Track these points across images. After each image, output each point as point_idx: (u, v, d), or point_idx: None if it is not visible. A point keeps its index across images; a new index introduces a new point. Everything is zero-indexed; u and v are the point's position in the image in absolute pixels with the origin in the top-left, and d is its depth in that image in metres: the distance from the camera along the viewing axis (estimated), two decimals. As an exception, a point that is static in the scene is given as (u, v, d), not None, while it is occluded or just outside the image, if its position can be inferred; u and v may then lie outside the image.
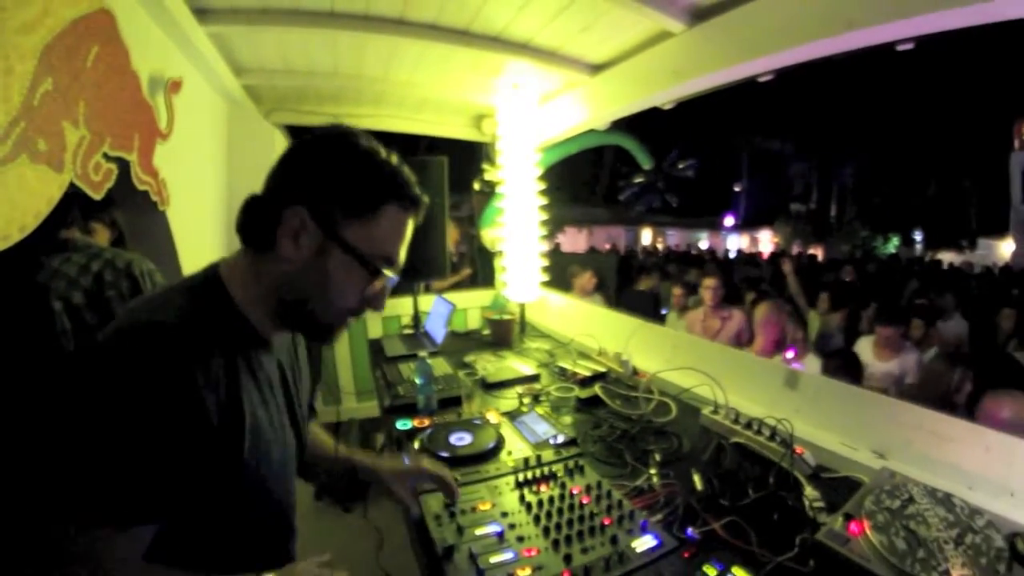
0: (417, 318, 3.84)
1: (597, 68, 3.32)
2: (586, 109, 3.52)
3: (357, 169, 1.09)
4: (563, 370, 2.77)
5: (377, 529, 2.19)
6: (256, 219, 1.09)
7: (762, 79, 2.58)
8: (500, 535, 1.47)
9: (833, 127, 32.32)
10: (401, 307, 4.11)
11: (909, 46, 2.07)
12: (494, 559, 1.36)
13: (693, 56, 2.65)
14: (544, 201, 3.62)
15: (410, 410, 2.27)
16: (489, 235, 4.58)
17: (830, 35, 2.02)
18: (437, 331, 3.45)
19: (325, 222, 1.05)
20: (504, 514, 1.58)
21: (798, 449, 1.82)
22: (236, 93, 3.37)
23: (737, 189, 36.12)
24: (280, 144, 4.17)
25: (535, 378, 2.71)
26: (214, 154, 3.33)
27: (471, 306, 4.23)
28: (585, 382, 2.59)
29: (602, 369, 2.74)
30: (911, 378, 3.88)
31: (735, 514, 1.51)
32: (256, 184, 1.10)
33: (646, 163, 5.67)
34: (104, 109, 1.92)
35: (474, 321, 4.09)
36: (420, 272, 3.54)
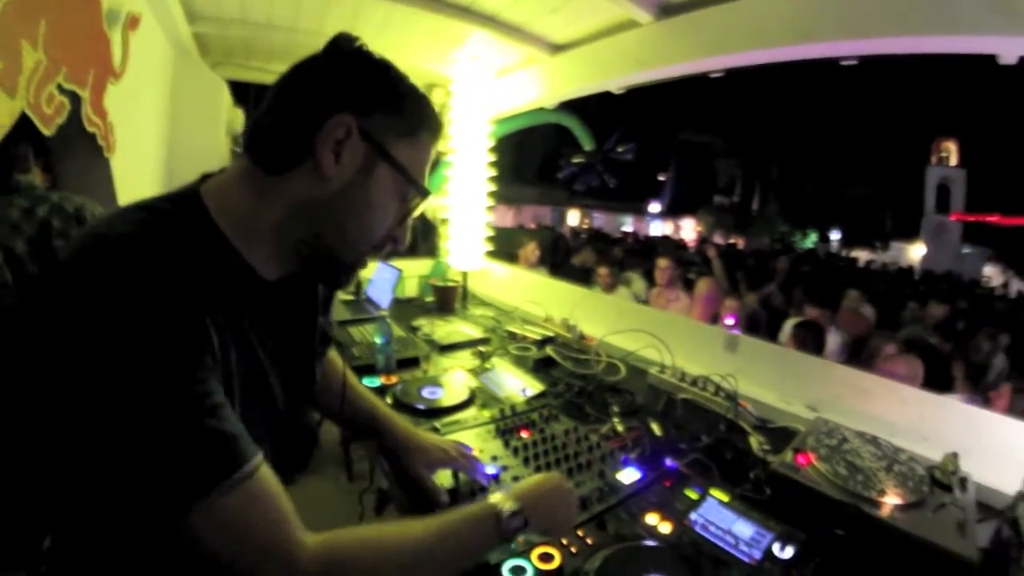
0: (358, 284, 3.80)
1: (558, 48, 3.40)
2: (542, 87, 3.60)
3: (403, 87, 0.98)
4: (512, 334, 2.83)
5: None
6: (285, 128, 0.92)
7: (713, 75, 2.75)
8: (496, 477, 1.54)
9: (763, 127, 33.16)
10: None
11: (853, 62, 2.34)
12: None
13: (658, 47, 2.78)
14: (493, 172, 3.64)
15: (368, 371, 2.25)
16: (432, 204, 4.58)
17: (787, 44, 2.26)
18: (382, 297, 3.44)
19: (374, 135, 0.93)
20: (495, 457, 1.64)
21: (742, 403, 2.01)
22: (186, 40, 3.30)
23: (662, 178, 36.72)
24: (228, 100, 4.09)
25: (485, 341, 2.76)
26: (159, 104, 3.25)
27: (411, 274, 4.25)
28: (535, 345, 2.66)
29: (550, 334, 2.80)
30: (835, 357, 4.11)
31: (695, 454, 1.68)
32: (201, 140, 0.95)
33: (588, 144, 5.78)
34: (64, 34, 1.82)
35: (412, 289, 4.08)
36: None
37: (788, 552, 1.29)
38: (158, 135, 3.23)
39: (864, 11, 2.04)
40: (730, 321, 3.09)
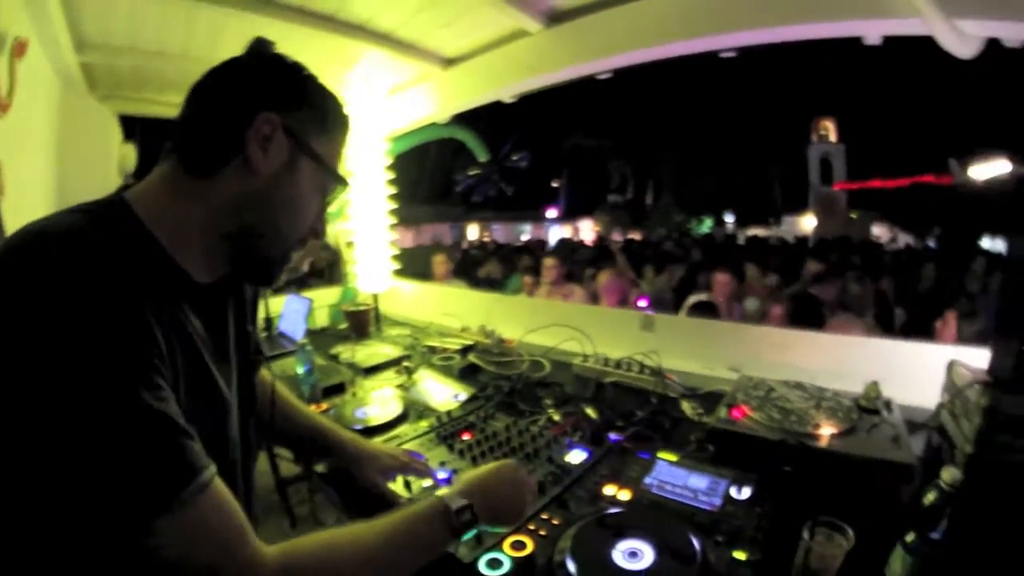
0: (269, 320, 3.67)
1: (450, 62, 3.44)
2: (435, 101, 3.63)
3: (318, 87, 1.03)
4: (432, 348, 2.82)
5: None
6: (215, 128, 0.93)
7: (600, 76, 2.87)
8: (448, 480, 1.54)
9: (651, 125, 33.99)
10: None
11: (732, 54, 2.53)
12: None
13: (547, 54, 2.87)
14: (393, 191, 3.64)
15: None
16: (334, 230, 4.54)
17: (668, 41, 2.42)
18: (295, 329, 3.36)
19: (296, 132, 0.97)
20: (443, 463, 1.65)
21: (668, 376, 2.10)
22: (73, 71, 3.14)
23: (555, 185, 37.19)
24: (118, 135, 3.95)
25: (407, 358, 2.74)
26: (46, 140, 3.08)
27: (320, 304, 4.19)
28: (458, 354, 2.67)
29: (469, 342, 2.82)
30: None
31: (634, 428, 1.76)
32: (92, 180, 0.93)
33: (482, 155, 5.84)
34: None
35: (323, 319, 4.00)
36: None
37: (746, 492, 1.38)
38: (45, 175, 3.05)
39: (738, 5, 2.20)
40: (643, 303, 3.18)
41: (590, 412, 1.90)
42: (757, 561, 1.15)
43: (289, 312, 3.54)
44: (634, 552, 1.18)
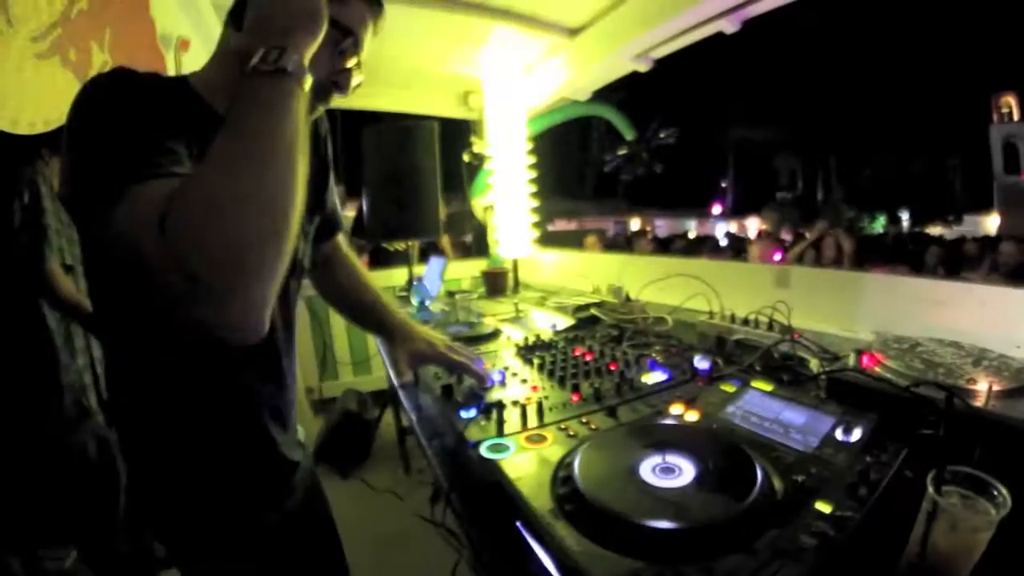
0: (411, 280, 3.84)
1: (574, 31, 3.40)
2: (568, 72, 3.60)
3: None
4: (559, 305, 2.80)
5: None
6: None
7: (728, 32, 2.72)
8: (501, 381, 1.52)
9: (818, 114, 32.56)
10: (396, 278, 4.15)
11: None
12: (495, 394, 1.40)
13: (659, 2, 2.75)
14: (533, 161, 3.67)
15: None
16: (480, 204, 4.64)
17: None
18: (432, 286, 3.46)
19: None
20: (506, 368, 1.64)
21: (796, 334, 1.79)
22: None
23: (724, 184, 36.39)
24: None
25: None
26: None
27: (466, 275, 4.30)
28: (580, 309, 2.62)
29: (596, 300, 2.77)
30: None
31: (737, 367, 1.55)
32: None
33: (629, 133, 5.74)
34: (125, 42, 2.14)
35: (468, 285, 4.13)
36: (413, 230, 3.58)
37: (856, 434, 1.08)
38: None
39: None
40: (778, 256, 3.01)
41: (696, 360, 1.61)
42: (846, 519, 0.83)
43: (430, 272, 3.65)
44: (669, 468, 0.98)
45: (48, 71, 1.78)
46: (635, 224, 30.03)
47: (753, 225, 34.07)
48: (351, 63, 1.14)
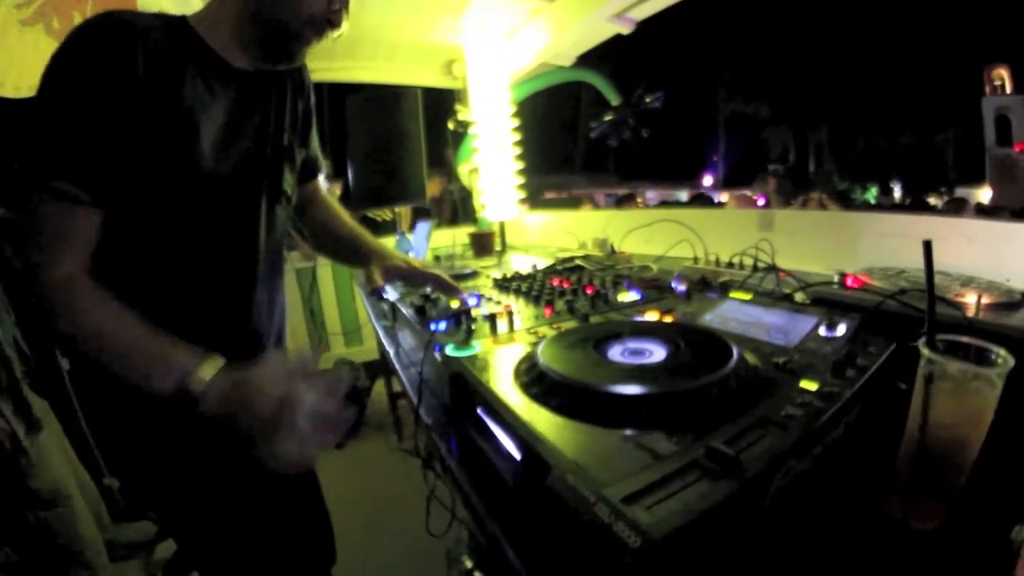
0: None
1: (553, -9, 3.36)
2: (548, 35, 3.57)
3: None
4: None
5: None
6: None
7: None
8: (476, 304, 1.53)
9: (808, 85, 32.46)
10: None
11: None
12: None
13: None
14: (517, 123, 3.65)
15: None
16: (465, 170, 4.63)
17: None
18: (420, 248, 3.50)
19: None
20: (483, 295, 1.66)
21: (782, 273, 1.74)
22: None
23: (715, 158, 36.37)
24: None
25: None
26: None
27: (455, 242, 4.31)
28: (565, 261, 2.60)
29: (582, 254, 2.76)
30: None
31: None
32: None
33: (614, 99, 5.71)
34: None
35: (458, 251, 4.14)
36: (400, 195, 3.57)
37: (841, 330, 1.04)
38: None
39: None
40: (761, 201, 2.99)
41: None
42: (834, 394, 0.78)
43: (416, 236, 3.66)
44: (639, 351, 0.96)
45: (32, 37, 1.84)
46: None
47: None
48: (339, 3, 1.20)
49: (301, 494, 1.60)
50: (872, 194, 32.94)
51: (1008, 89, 26.29)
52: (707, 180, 35.54)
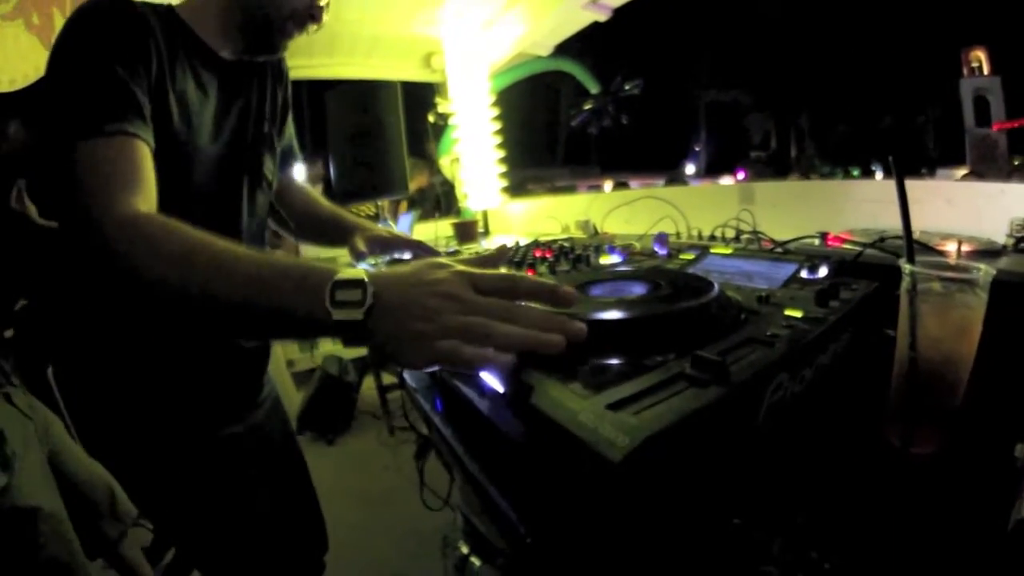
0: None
1: (529, -19, 3.38)
2: (524, 24, 3.58)
3: None
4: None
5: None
6: None
7: None
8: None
9: (787, 70, 32.61)
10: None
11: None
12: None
13: None
14: (496, 112, 3.66)
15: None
16: (447, 162, 4.64)
17: None
18: (403, 240, 3.46)
19: None
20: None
21: (765, 242, 1.73)
22: None
23: (697, 148, 36.50)
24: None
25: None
26: None
27: (439, 235, 4.31)
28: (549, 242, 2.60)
29: (564, 236, 2.75)
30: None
31: None
32: None
33: (594, 88, 5.76)
34: None
35: (442, 242, 4.14)
36: (381, 188, 3.57)
37: (822, 272, 1.02)
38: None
39: None
40: (740, 175, 3.01)
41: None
42: (819, 319, 0.77)
43: (400, 228, 3.73)
44: (620, 289, 0.94)
45: (12, 32, 1.88)
46: (608, 186, 30.16)
47: (728, 183, 34.30)
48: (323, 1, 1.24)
49: (291, 483, 1.62)
50: (854, 176, 33.18)
51: (985, 71, 26.54)
52: (689, 168, 35.68)
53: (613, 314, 0.75)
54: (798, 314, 0.80)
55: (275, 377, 1.63)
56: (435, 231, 3.87)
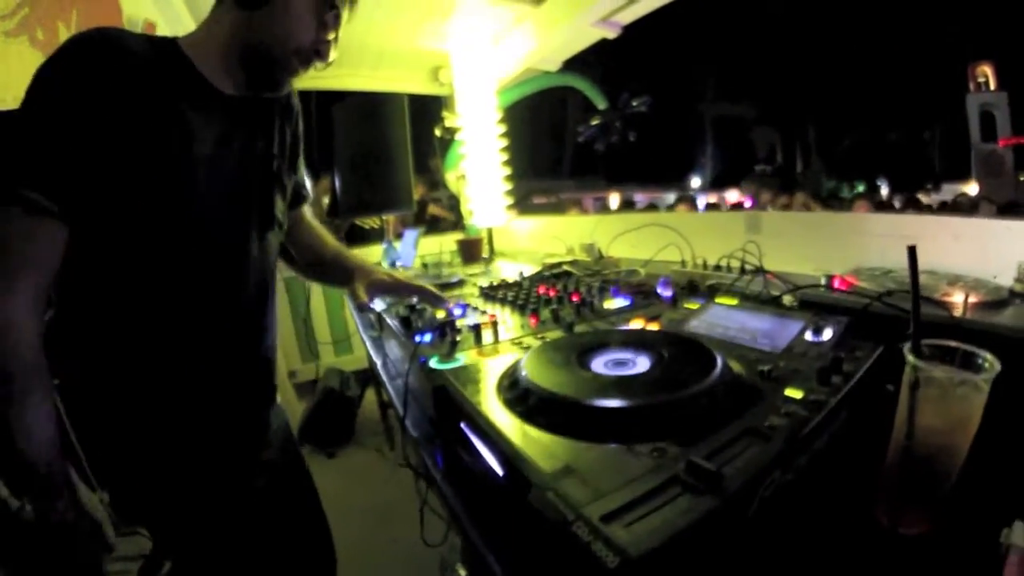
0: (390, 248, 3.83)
1: (540, -1, 3.38)
2: (533, 40, 3.56)
3: None
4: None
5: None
6: None
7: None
8: (462, 314, 1.53)
9: (793, 84, 32.59)
10: (372, 256, 4.08)
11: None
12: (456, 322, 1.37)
13: None
14: (503, 129, 3.65)
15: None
16: (453, 177, 4.63)
17: None
18: (408, 256, 3.49)
19: None
20: (468, 304, 1.65)
21: (769, 275, 1.72)
22: None
23: (703, 159, 36.51)
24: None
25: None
26: None
27: (443, 249, 4.30)
28: (553, 267, 2.58)
29: (569, 259, 2.75)
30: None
31: None
32: None
33: (601, 103, 5.74)
34: (91, 24, 2.11)
35: (446, 258, 4.14)
36: (387, 203, 3.56)
37: (827, 335, 1.02)
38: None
39: None
40: (748, 203, 3.00)
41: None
42: (819, 402, 0.78)
43: (405, 244, 3.64)
44: (622, 361, 0.96)
45: (16, 49, 1.87)
46: (614, 199, 30.18)
47: (732, 197, 34.16)
48: (331, 36, 1.24)
49: (299, 500, 1.61)
50: (859, 191, 33.09)
51: (992, 86, 26.38)
52: (695, 182, 35.69)
53: (614, 402, 0.76)
54: (798, 395, 0.81)
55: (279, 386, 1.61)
56: (440, 246, 3.87)
